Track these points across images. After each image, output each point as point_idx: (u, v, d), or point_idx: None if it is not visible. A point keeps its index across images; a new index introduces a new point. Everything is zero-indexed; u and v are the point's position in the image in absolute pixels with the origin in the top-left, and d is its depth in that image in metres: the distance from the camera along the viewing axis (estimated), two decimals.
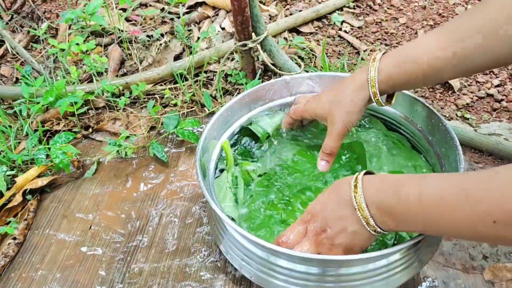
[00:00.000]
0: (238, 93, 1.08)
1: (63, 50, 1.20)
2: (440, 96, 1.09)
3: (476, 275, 0.79)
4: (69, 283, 0.81)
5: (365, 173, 0.58)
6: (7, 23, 1.55)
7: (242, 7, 0.96)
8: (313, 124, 0.86)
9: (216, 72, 1.16)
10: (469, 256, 0.82)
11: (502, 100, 1.07)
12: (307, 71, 1.10)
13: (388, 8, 1.37)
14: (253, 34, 1.04)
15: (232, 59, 1.18)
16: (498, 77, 1.13)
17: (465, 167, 0.88)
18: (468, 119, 1.03)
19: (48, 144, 1.06)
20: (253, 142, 0.88)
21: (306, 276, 0.64)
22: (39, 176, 1.01)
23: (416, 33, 1.28)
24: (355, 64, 1.18)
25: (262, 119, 0.88)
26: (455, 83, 1.11)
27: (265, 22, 1.27)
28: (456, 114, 1.04)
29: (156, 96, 1.14)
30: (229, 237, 0.72)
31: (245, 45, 1.03)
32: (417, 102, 0.79)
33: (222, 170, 0.84)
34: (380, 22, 1.32)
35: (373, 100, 0.68)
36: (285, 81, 0.85)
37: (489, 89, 1.10)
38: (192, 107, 1.10)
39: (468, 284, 0.78)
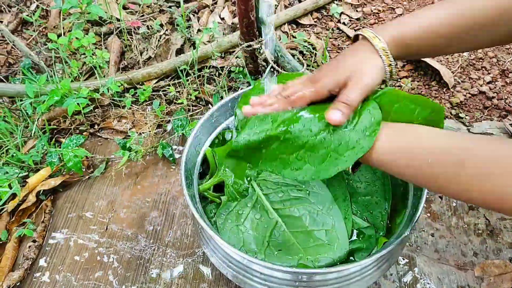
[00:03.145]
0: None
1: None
2: (435, 94, 1.14)
3: (468, 271, 0.87)
4: (92, 284, 0.86)
5: None
6: None
7: (249, 10, 0.97)
8: None
9: (218, 67, 1.17)
10: (461, 252, 0.89)
11: (493, 97, 1.13)
12: (309, 70, 1.13)
13: None
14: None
15: (235, 54, 1.19)
16: (490, 74, 1.18)
17: None
18: (462, 118, 1.08)
19: (57, 143, 1.08)
20: None
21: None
22: (50, 176, 1.03)
23: None
24: None
25: None
26: (450, 79, 1.16)
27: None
28: (451, 113, 1.10)
29: (160, 93, 1.16)
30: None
31: (250, 45, 1.05)
32: None
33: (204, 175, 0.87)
34: (377, 13, 1.34)
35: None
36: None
37: (481, 86, 1.15)
38: (197, 104, 1.13)
39: (460, 280, 0.86)
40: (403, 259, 0.88)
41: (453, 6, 0.63)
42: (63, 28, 1.34)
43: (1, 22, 1.47)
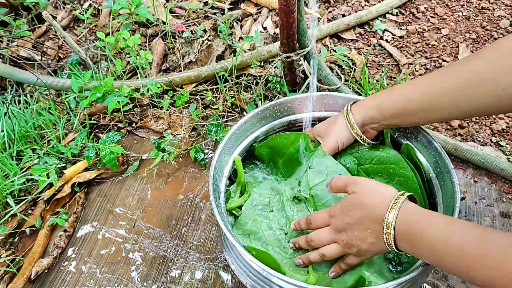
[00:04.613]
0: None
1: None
2: (476, 119, 1.11)
3: None
4: (115, 278, 0.89)
5: (407, 197, 0.63)
6: None
7: (290, 22, 0.98)
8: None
9: (256, 76, 1.18)
10: None
11: None
12: (346, 85, 1.13)
13: (431, 17, 1.36)
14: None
15: (274, 64, 1.20)
16: None
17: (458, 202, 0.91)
18: (502, 146, 1.05)
19: (95, 138, 1.12)
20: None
21: None
22: (86, 169, 1.07)
23: (457, 46, 1.28)
24: (394, 78, 1.19)
25: None
26: None
27: (307, 25, 1.28)
28: (491, 140, 1.06)
29: (197, 97, 1.18)
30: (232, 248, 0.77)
31: (289, 57, 1.05)
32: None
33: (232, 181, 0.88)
34: (422, 32, 1.32)
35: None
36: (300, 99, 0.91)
37: None
38: (232, 110, 1.14)
39: None
40: (428, 286, 0.86)
41: (429, 77, 0.70)
42: (112, 27, 1.39)
43: (56, 17, 1.54)
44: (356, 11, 1.35)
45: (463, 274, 0.56)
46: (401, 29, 1.33)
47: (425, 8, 1.39)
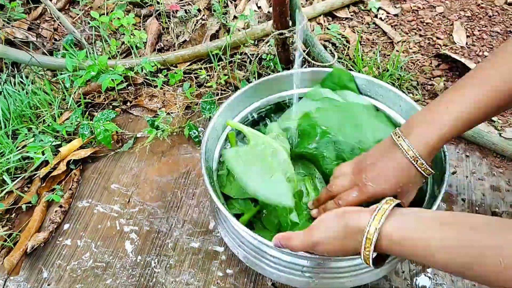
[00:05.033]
0: None
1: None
2: None
3: None
4: (110, 252, 0.90)
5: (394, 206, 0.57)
6: None
7: None
8: None
9: (249, 54, 1.19)
10: None
11: None
12: (340, 62, 1.13)
13: None
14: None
15: (267, 42, 1.20)
16: None
17: (449, 168, 0.91)
18: (494, 121, 1.05)
19: (90, 117, 1.13)
20: None
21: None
22: (81, 147, 1.08)
23: (452, 24, 1.27)
24: (387, 55, 1.19)
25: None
26: None
27: (301, 4, 1.28)
28: None
29: (191, 75, 1.18)
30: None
31: (282, 33, 1.05)
32: (400, 97, 0.84)
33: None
34: (416, 10, 1.31)
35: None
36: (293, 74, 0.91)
37: None
38: (226, 88, 1.15)
39: (473, 283, 0.84)
40: None
41: (485, 87, 0.61)
42: (107, 8, 1.39)
43: (51, 0, 1.54)
44: None
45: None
46: (395, 7, 1.32)
47: None
